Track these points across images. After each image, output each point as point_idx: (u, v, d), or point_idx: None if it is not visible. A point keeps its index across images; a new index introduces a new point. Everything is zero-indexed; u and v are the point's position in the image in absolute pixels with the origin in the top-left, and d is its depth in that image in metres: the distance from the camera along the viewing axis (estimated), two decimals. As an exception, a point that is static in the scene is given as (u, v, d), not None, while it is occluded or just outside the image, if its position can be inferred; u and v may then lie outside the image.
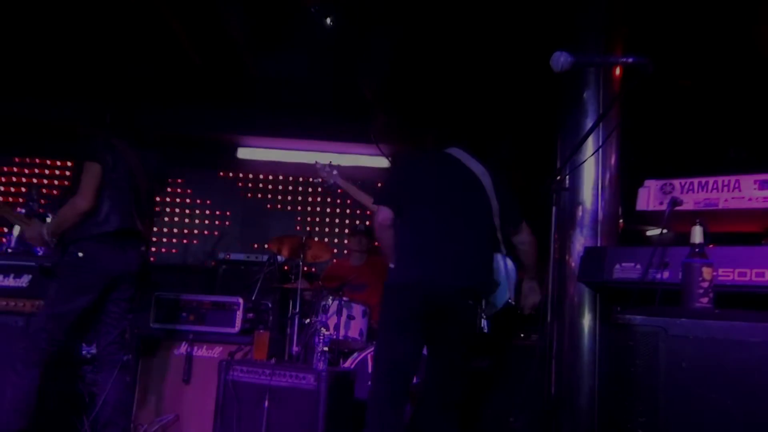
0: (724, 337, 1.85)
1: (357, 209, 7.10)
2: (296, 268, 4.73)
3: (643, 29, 3.79)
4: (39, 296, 3.54)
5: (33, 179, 7.03)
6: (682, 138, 5.11)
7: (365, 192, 4.25)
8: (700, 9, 4.13)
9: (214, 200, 7.16)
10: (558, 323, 3.31)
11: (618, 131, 3.45)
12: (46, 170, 7.07)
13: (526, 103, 5.09)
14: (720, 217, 2.55)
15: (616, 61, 3.50)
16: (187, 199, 7.16)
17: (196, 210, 7.15)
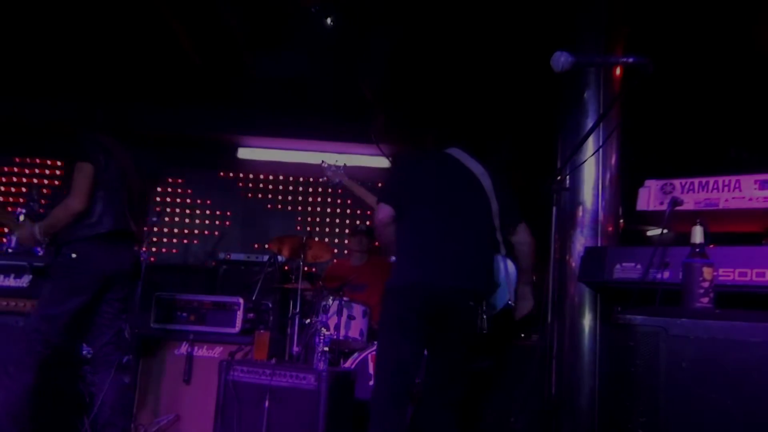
0: (725, 337, 1.85)
1: (357, 209, 7.10)
2: (297, 269, 4.73)
3: (643, 29, 3.79)
4: (39, 297, 3.51)
5: (33, 179, 7.03)
6: (683, 138, 5.10)
7: (371, 192, 4.25)
8: (700, 9, 4.13)
9: (215, 200, 7.16)
10: (558, 323, 3.31)
11: (618, 131, 3.45)
12: (47, 170, 7.07)
13: (526, 103, 5.09)
14: (720, 217, 2.55)
15: (617, 61, 3.51)
16: (188, 199, 7.16)
17: (197, 210, 7.15)
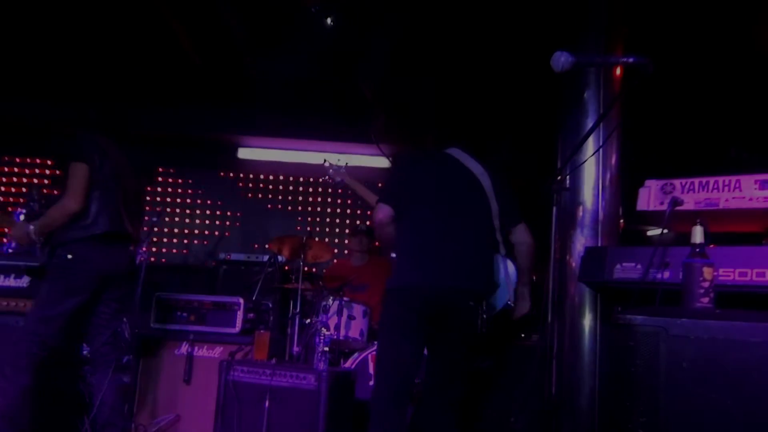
0: (725, 337, 1.85)
1: (358, 209, 7.10)
2: (297, 269, 4.73)
3: (643, 29, 3.79)
4: (35, 298, 3.47)
5: (33, 179, 7.03)
6: (683, 138, 5.11)
7: (373, 192, 4.25)
8: (700, 9, 4.13)
9: (215, 200, 7.16)
10: (558, 323, 3.31)
11: (618, 131, 3.45)
12: (47, 170, 7.07)
13: (526, 103, 5.09)
14: (721, 217, 2.55)
15: (617, 61, 3.51)
16: (188, 200, 7.16)
17: (197, 210, 7.15)
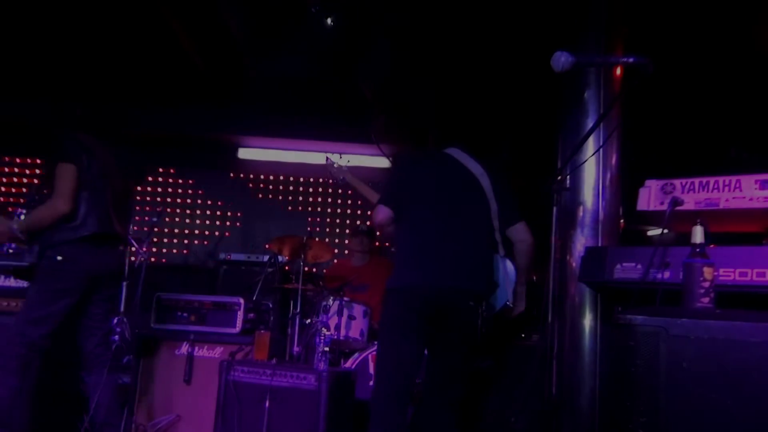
0: (725, 337, 1.85)
1: (358, 209, 7.10)
2: (297, 269, 4.73)
3: (643, 29, 3.79)
4: (25, 299, 3.42)
5: (33, 179, 7.03)
6: (683, 138, 5.11)
7: (375, 191, 4.24)
8: (700, 9, 4.13)
9: (215, 200, 7.16)
10: (559, 323, 3.31)
11: (619, 131, 3.45)
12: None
13: (526, 103, 5.09)
14: (721, 217, 2.55)
15: (617, 61, 3.50)
16: (188, 200, 7.16)
17: (197, 210, 7.15)
